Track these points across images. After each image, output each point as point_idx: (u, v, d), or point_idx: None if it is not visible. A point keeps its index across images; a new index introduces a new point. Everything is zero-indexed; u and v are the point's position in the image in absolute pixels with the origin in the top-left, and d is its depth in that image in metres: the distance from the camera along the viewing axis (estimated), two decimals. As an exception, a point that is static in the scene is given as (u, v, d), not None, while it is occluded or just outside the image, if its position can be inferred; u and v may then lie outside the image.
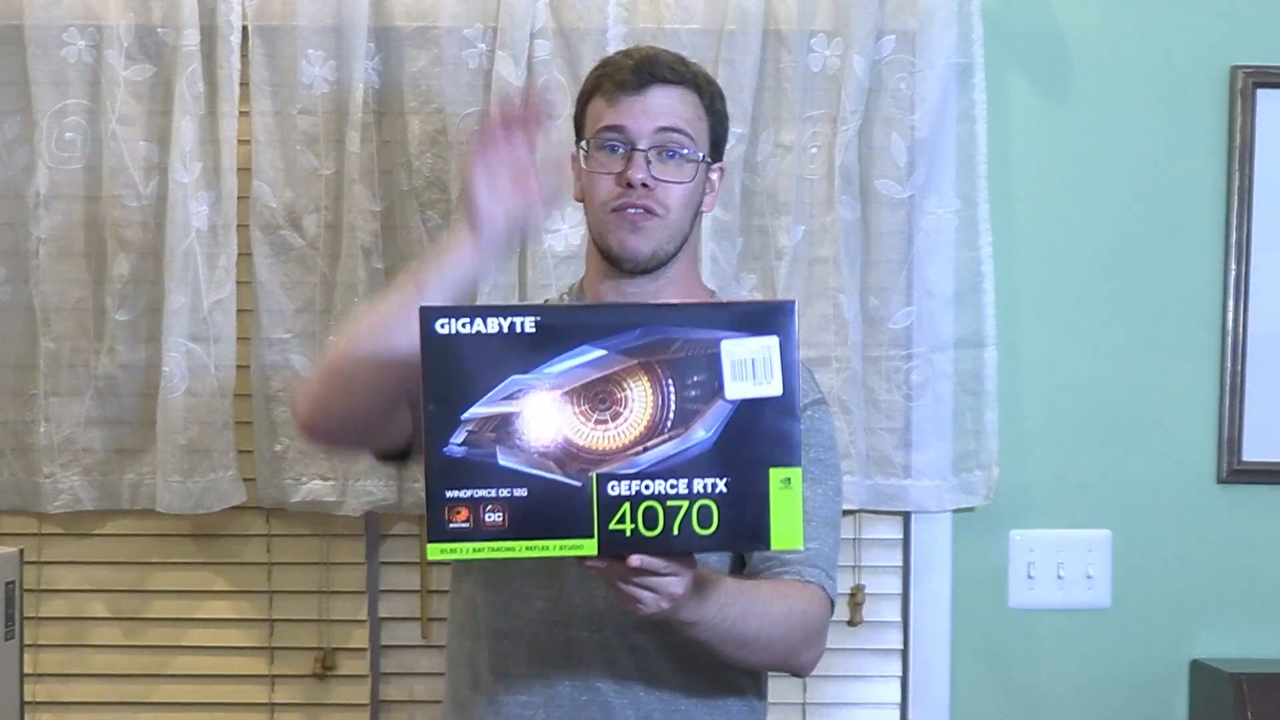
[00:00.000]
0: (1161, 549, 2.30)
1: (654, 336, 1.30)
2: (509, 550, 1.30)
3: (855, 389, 2.19)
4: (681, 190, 1.62)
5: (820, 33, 2.18)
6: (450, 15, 2.17)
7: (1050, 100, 2.28)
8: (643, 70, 1.62)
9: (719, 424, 1.30)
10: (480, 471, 1.29)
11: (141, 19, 2.17)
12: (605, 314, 1.34)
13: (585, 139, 1.66)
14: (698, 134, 1.64)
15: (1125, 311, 2.29)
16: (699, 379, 1.30)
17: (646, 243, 1.61)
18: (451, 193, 2.17)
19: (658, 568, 1.33)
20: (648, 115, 1.61)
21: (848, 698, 2.31)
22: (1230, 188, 2.27)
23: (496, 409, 1.29)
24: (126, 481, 2.22)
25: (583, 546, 1.30)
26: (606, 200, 1.62)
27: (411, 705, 2.29)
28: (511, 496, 1.30)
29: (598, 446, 1.30)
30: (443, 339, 1.30)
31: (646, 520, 1.30)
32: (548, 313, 1.32)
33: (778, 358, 1.30)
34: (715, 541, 1.32)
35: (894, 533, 2.29)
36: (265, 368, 2.19)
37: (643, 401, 1.30)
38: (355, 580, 2.28)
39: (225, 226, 2.17)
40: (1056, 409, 2.30)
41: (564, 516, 1.30)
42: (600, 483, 1.29)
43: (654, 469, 1.30)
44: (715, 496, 1.30)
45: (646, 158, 1.60)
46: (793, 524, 1.31)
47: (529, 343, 1.30)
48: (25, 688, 2.02)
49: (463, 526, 1.29)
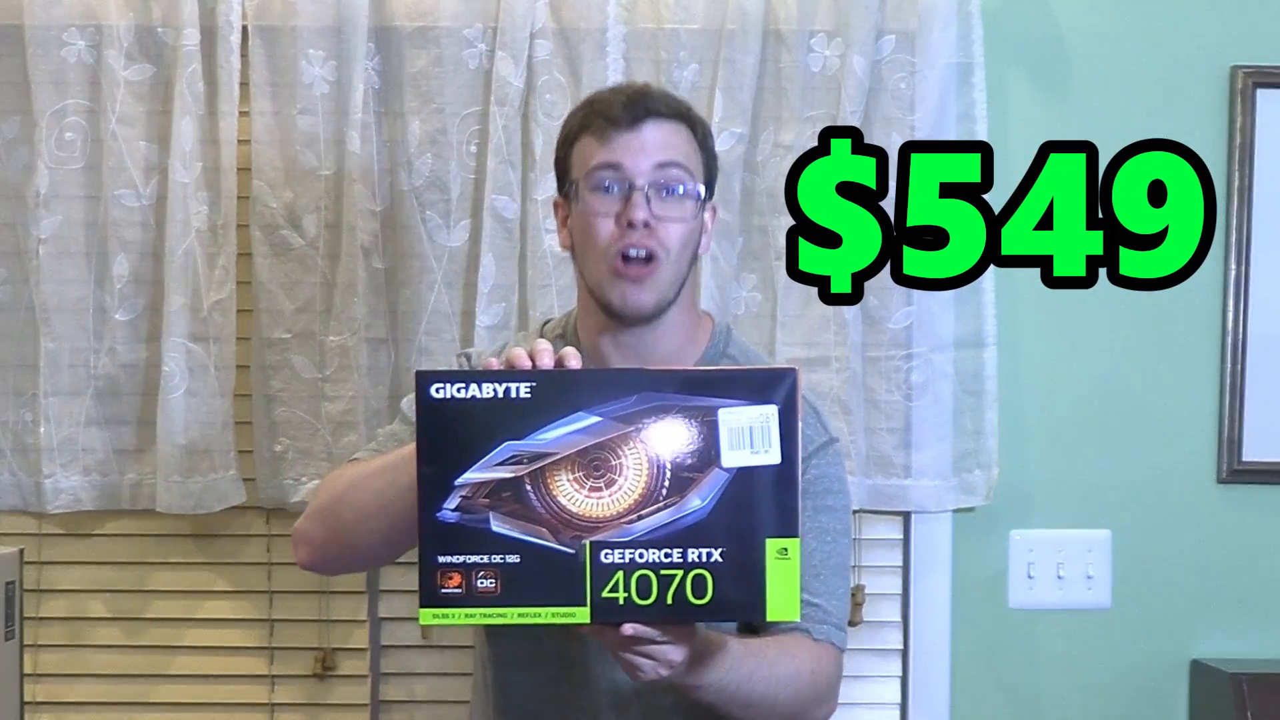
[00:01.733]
0: (1161, 549, 2.30)
1: (650, 403, 1.29)
2: (501, 616, 1.30)
3: (855, 389, 2.19)
4: (683, 230, 1.56)
5: (820, 33, 2.18)
6: (450, 15, 2.17)
7: (1050, 100, 2.28)
8: (636, 105, 1.56)
9: (715, 493, 1.29)
10: (473, 537, 1.29)
11: (141, 19, 2.17)
12: (601, 380, 1.32)
13: (574, 180, 1.58)
14: (695, 168, 1.58)
15: (1125, 311, 2.29)
16: (695, 447, 1.29)
17: (650, 294, 1.55)
18: (451, 193, 2.17)
19: (652, 636, 1.31)
20: (645, 151, 1.54)
21: (848, 698, 2.28)
22: (1230, 188, 2.27)
23: (490, 474, 1.29)
24: (126, 481, 2.22)
25: (575, 614, 1.29)
26: (606, 245, 1.54)
27: (411, 705, 2.29)
28: (504, 563, 1.29)
29: (591, 514, 1.29)
30: (438, 404, 1.29)
31: (640, 589, 1.29)
32: (543, 379, 1.31)
33: (776, 426, 1.29)
34: (709, 612, 1.31)
35: (894, 533, 2.29)
36: (265, 368, 2.19)
37: (637, 469, 1.29)
38: (355, 580, 2.27)
39: (225, 226, 2.17)
40: (1056, 409, 2.30)
41: (557, 584, 1.29)
42: (594, 550, 1.29)
43: (648, 538, 1.29)
44: (710, 566, 1.29)
45: (646, 195, 1.53)
46: (789, 595, 1.30)
47: (524, 408, 1.29)
48: (25, 688, 2.02)
49: (455, 592, 1.29)
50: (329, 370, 2.18)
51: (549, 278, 2.15)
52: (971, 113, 2.21)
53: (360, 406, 2.16)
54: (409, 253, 2.17)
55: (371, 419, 2.16)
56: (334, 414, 2.18)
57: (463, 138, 2.17)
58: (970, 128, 2.20)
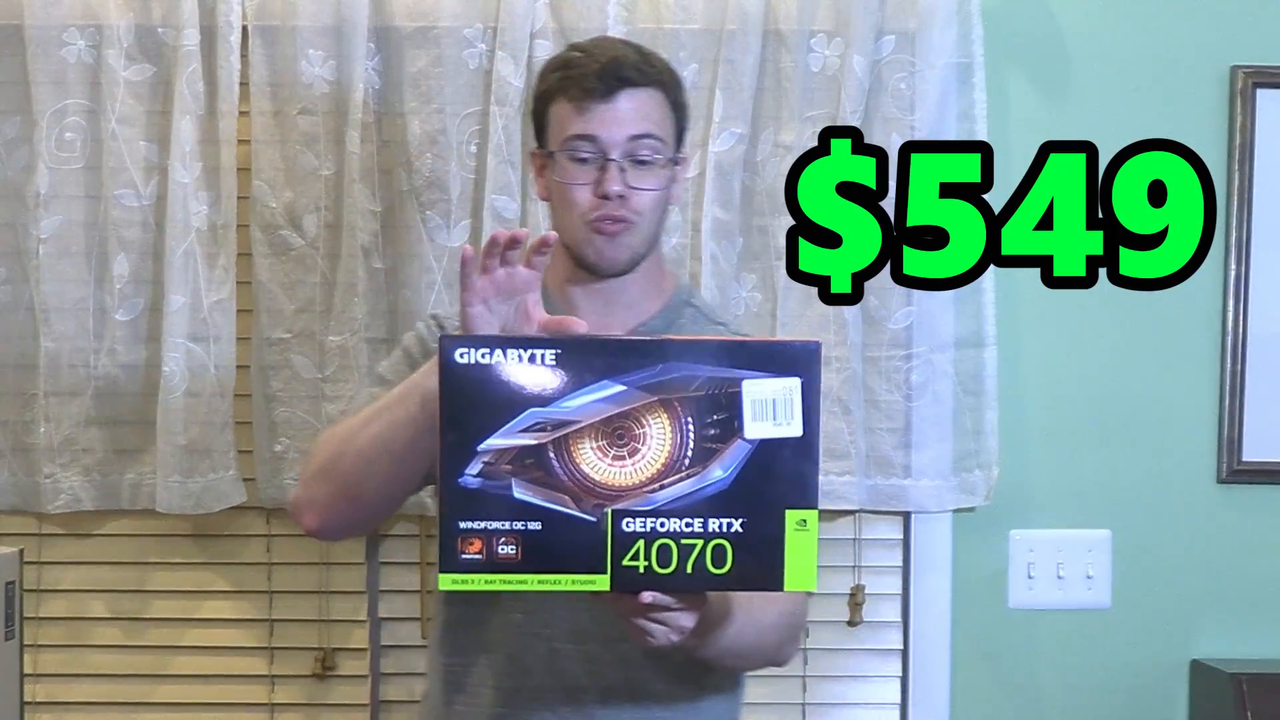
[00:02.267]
0: (1161, 549, 2.31)
1: (675, 373, 1.29)
2: (521, 583, 1.30)
3: (855, 389, 2.19)
4: (655, 195, 1.62)
5: (820, 33, 2.18)
6: (450, 15, 2.17)
7: (1050, 100, 2.28)
8: (609, 75, 1.60)
9: (737, 464, 1.30)
10: (495, 503, 1.29)
11: (141, 19, 2.17)
12: (627, 349, 1.32)
13: (552, 147, 1.64)
14: (666, 135, 1.64)
15: (1125, 311, 2.29)
16: (719, 418, 1.29)
17: (624, 250, 1.62)
18: (452, 193, 2.17)
19: (670, 604, 1.33)
20: (619, 123, 1.60)
21: (848, 698, 2.31)
22: (1230, 188, 2.27)
23: (513, 441, 1.29)
24: (126, 481, 2.22)
25: (595, 582, 1.30)
26: (583, 212, 1.61)
27: (411, 705, 2.28)
28: (525, 529, 1.29)
29: (614, 482, 1.29)
30: (462, 369, 1.29)
31: (660, 558, 1.29)
32: (568, 345, 1.31)
33: (799, 399, 1.30)
34: (728, 581, 1.31)
35: (894, 533, 2.29)
36: (265, 368, 2.19)
37: (661, 438, 1.29)
38: (355, 580, 2.28)
39: (225, 226, 2.17)
40: (1056, 409, 2.30)
41: (577, 551, 1.29)
42: (615, 519, 1.29)
43: (670, 507, 1.29)
44: (730, 536, 1.30)
45: (620, 166, 1.59)
46: (807, 566, 1.31)
47: (548, 375, 1.29)
48: (25, 688, 2.02)
49: (475, 558, 1.29)
50: (329, 370, 2.18)
51: (548, 277, 2.15)
52: (971, 113, 2.21)
53: (360, 406, 2.16)
54: (409, 253, 2.17)
55: (333, 423, 2.16)
56: (334, 414, 2.17)
57: (463, 138, 2.17)
58: (970, 128, 2.20)
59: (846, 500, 2.19)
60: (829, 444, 2.17)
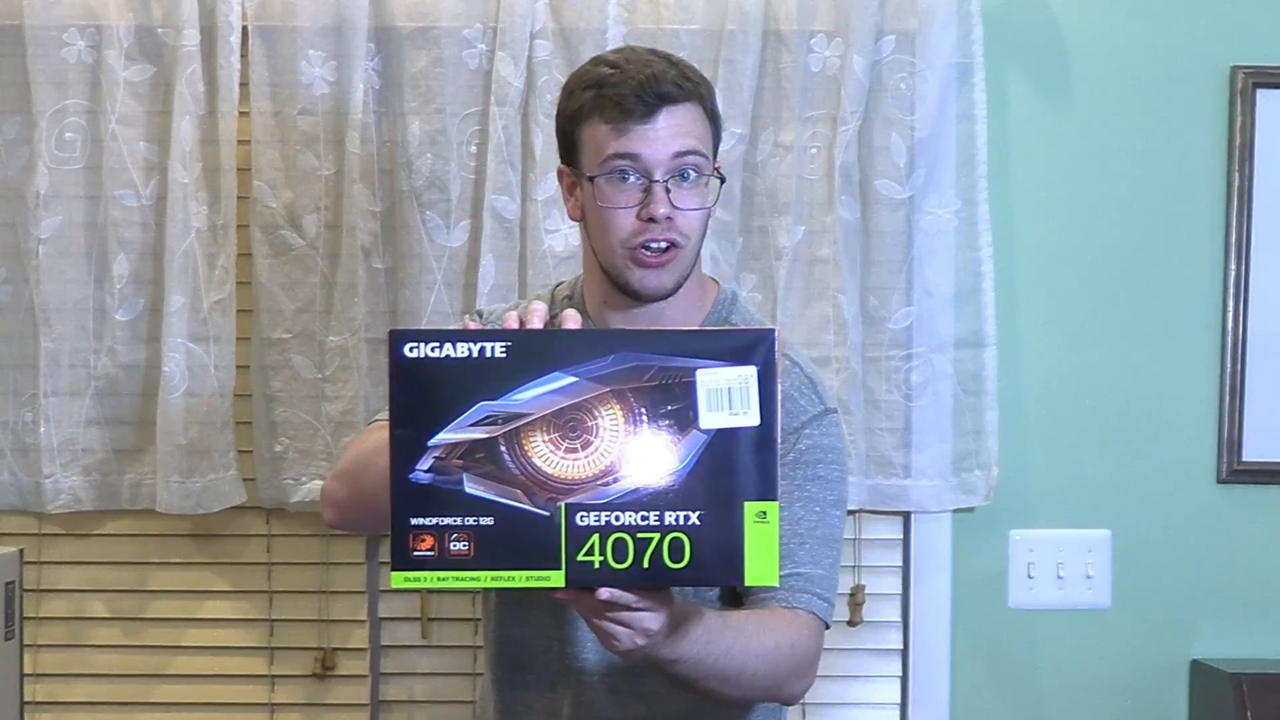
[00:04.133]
0: (1161, 549, 2.30)
1: (627, 364, 1.26)
2: (474, 580, 1.27)
3: (855, 389, 2.19)
4: (702, 216, 1.55)
5: (820, 33, 2.18)
6: (450, 15, 2.17)
7: (1050, 100, 2.28)
8: (649, 92, 1.51)
9: (693, 455, 1.26)
10: (446, 499, 1.26)
11: (141, 19, 2.17)
12: (577, 340, 1.29)
13: (588, 169, 1.55)
14: (708, 149, 1.56)
15: (1125, 311, 2.29)
16: (673, 408, 1.26)
17: (670, 276, 1.55)
18: (451, 193, 2.17)
19: (629, 602, 1.28)
20: (661, 141, 1.51)
21: (848, 698, 2.31)
22: (1230, 188, 2.27)
23: (464, 435, 1.26)
24: (126, 481, 2.22)
25: (549, 578, 1.26)
26: (627, 238, 1.53)
27: (411, 705, 2.29)
28: (478, 525, 1.26)
29: (567, 476, 1.26)
30: (411, 363, 1.26)
31: (616, 553, 1.26)
32: (518, 338, 1.28)
33: (755, 388, 1.26)
34: (687, 576, 1.28)
35: (894, 533, 2.29)
36: (265, 368, 2.19)
37: (614, 430, 1.26)
38: (355, 580, 2.28)
39: (225, 226, 2.17)
40: (1056, 409, 2.30)
41: (531, 546, 1.26)
42: (569, 513, 1.26)
43: (624, 500, 1.26)
44: (687, 529, 1.26)
45: (665, 187, 1.51)
46: (768, 559, 1.27)
47: (499, 368, 1.26)
48: (25, 688, 2.02)
49: (427, 555, 1.26)
50: (329, 370, 2.18)
51: (549, 278, 2.15)
52: (971, 113, 2.21)
53: (360, 406, 2.16)
54: (409, 253, 2.17)
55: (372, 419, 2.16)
56: (334, 414, 2.18)
57: (463, 138, 2.17)
58: (970, 128, 2.21)
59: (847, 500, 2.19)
60: (829, 444, 2.17)
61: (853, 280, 2.19)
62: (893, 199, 2.20)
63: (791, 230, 2.18)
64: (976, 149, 2.20)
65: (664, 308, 1.58)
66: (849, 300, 2.18)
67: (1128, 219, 2.29)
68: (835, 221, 2.18)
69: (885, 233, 2.20)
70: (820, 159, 2.19)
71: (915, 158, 2.19)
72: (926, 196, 2.20)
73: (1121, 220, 2.29)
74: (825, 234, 2.19)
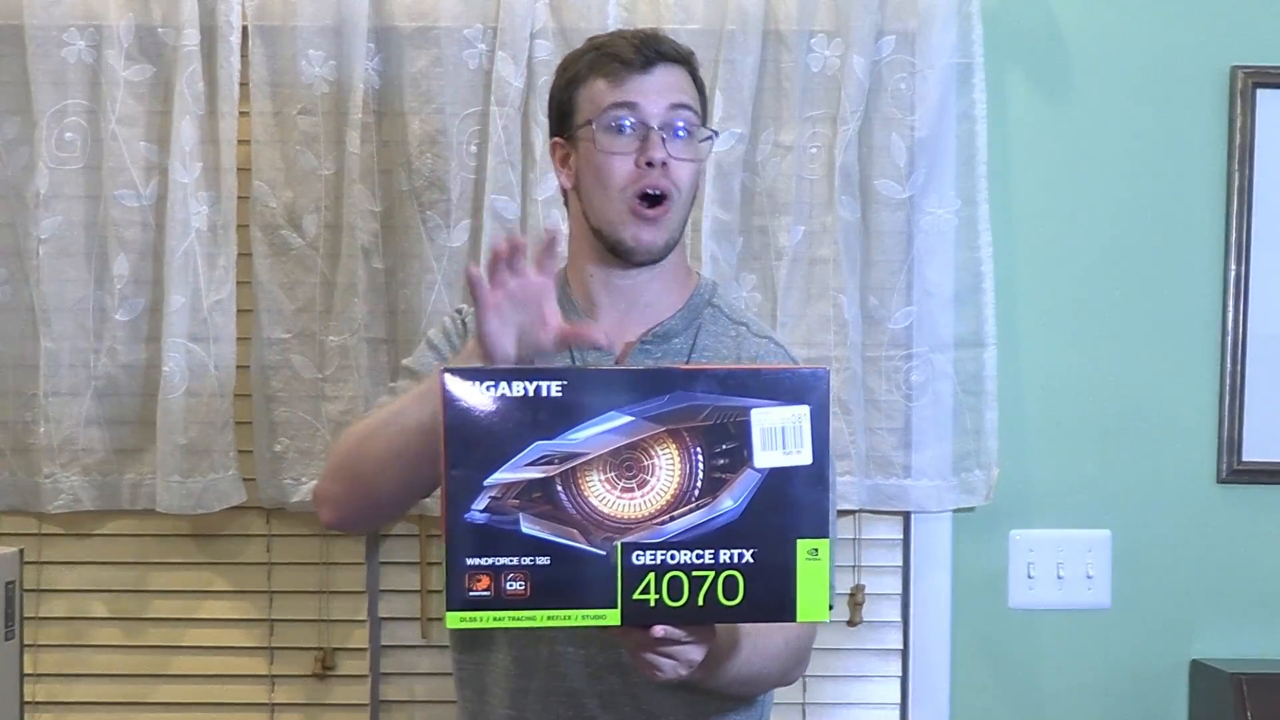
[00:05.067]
0: (1161, 549, 2.30)
1: (683, 403, 1.28)
2: (530, 620, 1.28)
3: (855, 389, 2.19)
4: (694, 169, 1.61)
5: (820, 33, 2.19)
6: (450, 15, 2.17)
7: (1050, 100, 2.28)
8: (648, 48, 1.60)
9: (747, 494, 1.28)
10: (503, 539, 1.27)
11: (141, 19, 2.17)
12: (633, 379, 1.30)
13: (581, 121, 1.61)
14: (699, 110, 1.64)
15: (1125, 311, 2.29)
16: (728, 447, 1.28)
17: (662, 233, 1.60)
18: (451, 193, 2.17)
19: (681, 638, 1.31)
20: (658, 92, 1.58)
21: (848, 698, 2.31)
22: (1230, 188, 2.27)
23: (520, 475, 1.27)
24: (126, 481, 2.22)
25: (605, 617, 1.28)
26: (624, 185, 1.58)
27: (411, 705, 2.29)
28: (534, 565, 1.27)
29: (623, 515, 1.28)
30: (466, 403, 1.27)
31: (671, 591, 1.28)
32: (574, 376, 1.29)
33: (808, 427, 1.29)
34: (740, 613, 1.30)
35: (894, 533, 2.29)
36: (265, 368, 2.19)
37: (670, 469, 1.28)
38: (355, 580, 2.27)
39: (225, 226, 2.17)
40: (1056, 409, 2.30)
41: (587, 586, 1.27)
42: (625, 552, 1.27)
43: (680, 539, 1.28)
44: (741, 567, 1.28)
45: (661, 136, 1.57)
46: (819, 596, 1.30)
47: (554, 408, 1.27)
48: (25, 688, 2.02)
49: (483, 595, 1.27)
50: (329, 370, 2.18)
51: (549, 278, 2.15)
52: (971, 113, 2.21)
53: (360, 406, 2.16)
54: (409, 253, 2.17)
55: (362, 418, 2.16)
56: (334, 414, 2.18)
57: (463, 138, 2.17)
58: (970, 128, 2.21)
59: (846, 500, 2.19)
60: (829, 444, 2.17)
61: (853, 280, 2.19)
62: (893, 199, 2.20)
63: (791, 230, 2.18)
64: (976, 149, 2.20)
65: (648, 282, 1.63)
66: (849, 300, 2.18)
67: (1127, 219, 2.29)
68: (835, 221, 2.18)
69: (885, 233, 2.20)
70: (820, 159, 2.20)
71: (915, 158, 2.19)
72: (926, 196, 2.20)
73: (1121, 220, 2.29)
74: (825, 234, 2.19)
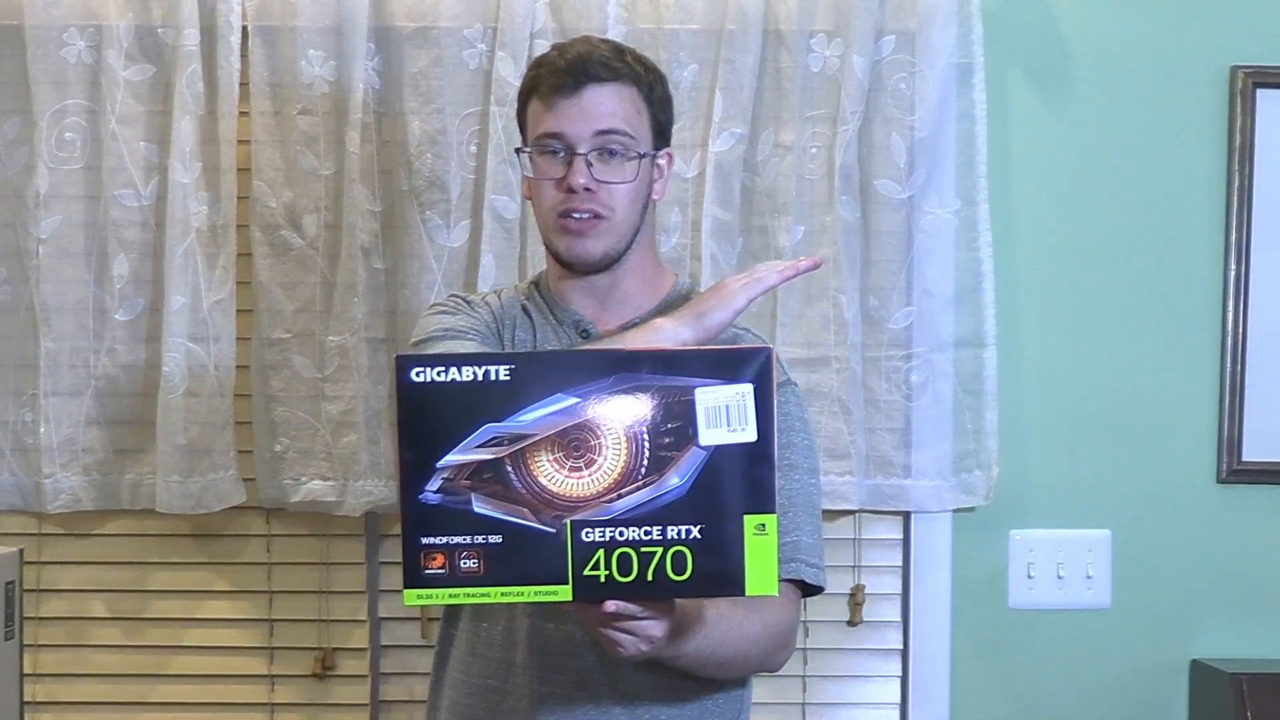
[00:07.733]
0: (1161, 549, 2.30)
1: (628, 384, 1.31)
2: (484, 596, 1.31)
3: (855, 389, 2.19)
4: (626, 189, 1.62)
5: (820, 33, 2.19)
6: (450, 15, 2.17)
7: (1050, 100, 2.28)
8: (576, 70, 1.61)
9: (693, 471, 1.31)
10: (455, 519, 1.31)
11: (141, 19, 2.17)
12: (578, 362, 1.34)
13: (527, 141, 1.66)
14: (638, 130, 1.63)
15: (1125, 311, 2.29)
16: (673, 426, 1.31)
17: (596, 245, 1.62)
18: (451, 193, 2.17)
19: (634, 613, 1.34)
20: (584, 119, 1.60)
21: (848, 698, 2.31)
22: (1230, 188, 2.27)
23: (471, 456, 1.31)
24: (126, 481, 2.22)
25: (557, 592, 1.31)
26: (552, 206, 1.62)
27: (411, 705, 2.29)
28: (486, 543, 1.31)
29: (571, 494, 1.31)
30: (418, 387, 1.32)
31: (621, 567, 1.31)
32: (522, 361, 1.34)
33: (752, 405, 1.31)
34: (690, 588, 1.33)
35: (894, 533, 2.29)
36: (265, 368, 2.19)
37: (616, 449, 1.31)
38: (355, 580, 2.28)
39: (225, 226, 2.17)
40: (1056, 409, 2.30)
41: (539, 563, 1.31)
42: (574, 530, 1.31)
43: (628, 516, 1.31)
44: (689, 543, 1.31)
45: (587, 160, 1.60)
46: (768, 570, 1.32)
47: (503, 391, 1.31)
48: (25, 688, 2.02)
49: (438, 573, 1.31)
50: (329, 370, 2.18)
51: (549, 278, 2.15)
52: (971, 113, 2.21)
53: (360, 406, 2.16)
54: (409, 253, 2.17)
55: (371, 419, 2.17)
56: (334, 414, 2.18)
57: (463, 138, 2.18)
58: (970, 128, 2.21)
59: (846, 500, 2.19)
60: (829, 444, 2.17)
61: (853, 280, 2.19)
62: (893, 199, 2.20)
63: (791, 230, 2.18)
64: (976, 149, 2.20)
65: (616, 283, 1.67)
66: (849, 300, 2.18)
67: (1128, 219, 2.29)
68: (835, 221, 2.18)
69: (885, 233, 2.20)
70: (820, 159, 2.20)
71: (915, 158, 2.19)
72: (926, 196, 2.20)
73: (1121, 220, 2.29)
74: (825, 234, 2.19)
